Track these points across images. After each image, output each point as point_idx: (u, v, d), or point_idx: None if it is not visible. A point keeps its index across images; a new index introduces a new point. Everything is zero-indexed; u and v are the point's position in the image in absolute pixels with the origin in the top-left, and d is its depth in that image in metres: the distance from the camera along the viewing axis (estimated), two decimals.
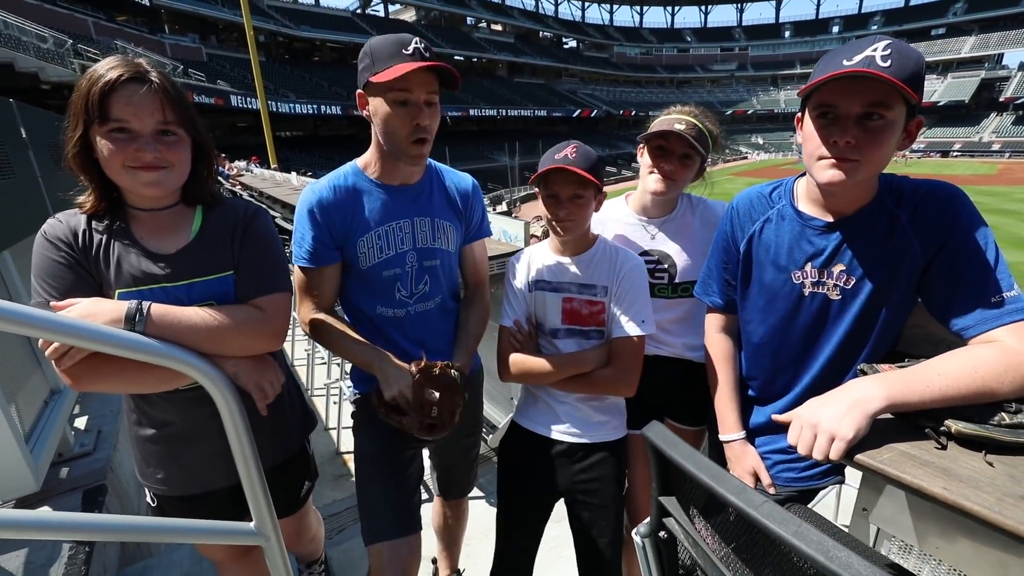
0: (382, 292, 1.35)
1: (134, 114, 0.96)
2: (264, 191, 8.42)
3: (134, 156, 0.97)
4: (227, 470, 1.08)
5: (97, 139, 0.96)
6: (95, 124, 0.95)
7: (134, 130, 0.97)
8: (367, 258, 1.31)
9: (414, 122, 1.19)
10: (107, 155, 0.96)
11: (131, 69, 0.96)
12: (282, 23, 40.56)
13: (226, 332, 1.03)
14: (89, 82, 0.94)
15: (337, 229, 1.28)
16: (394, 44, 1.15)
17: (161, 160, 1.00)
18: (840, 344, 1.13)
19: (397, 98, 1.17)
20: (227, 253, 1.12)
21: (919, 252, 1.02)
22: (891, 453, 0.86)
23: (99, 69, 0.96)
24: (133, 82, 0.96)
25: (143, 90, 0.97)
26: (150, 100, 0.97)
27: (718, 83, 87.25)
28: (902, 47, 0.92)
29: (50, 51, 18.17)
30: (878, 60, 0.91)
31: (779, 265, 1.18)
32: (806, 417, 0.91)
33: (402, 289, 1.36)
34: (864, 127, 0.95)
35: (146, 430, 1.16)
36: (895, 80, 0.88)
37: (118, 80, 0.94)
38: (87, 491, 1.79)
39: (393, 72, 1.13)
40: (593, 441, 1.41)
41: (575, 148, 1.27)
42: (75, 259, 1.00)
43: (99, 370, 0.94)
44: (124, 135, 0.96)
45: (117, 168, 0.97)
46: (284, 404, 1.30)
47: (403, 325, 1.39)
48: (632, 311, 1.34)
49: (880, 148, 0.95)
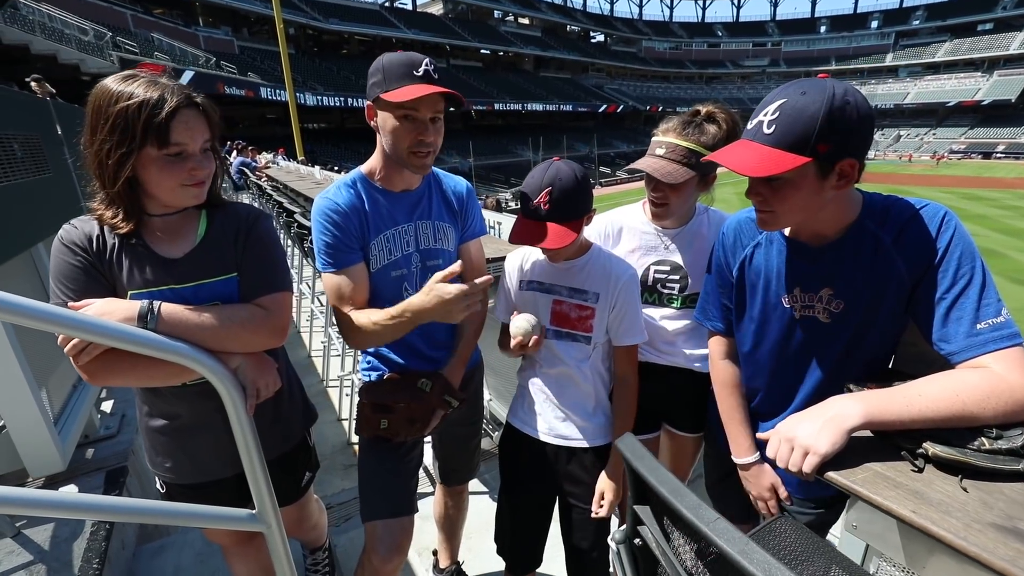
0: (391, 292, 1.41)
1: (191, 138, 1.05)
2: (288, 184, 8.61)
3: (190, 175, 1.06)
4: (232, 460, 1.15)
5: (149, 160, 1.02)
6: (149, 147, 1.01)
7: (188, 151, 1.05)
8: (377, 260, 1.37)
9: (419, 137, 1.26)
10: (163, 176, 1.04)
11: (183, 96, 1.04)
12: (311, 16, 41.15)
13: (231, 329, 1.09)
14: (143, 108, 0.98)
15: (355, 230, 1.34)
16: (405, 64, 1.22)
17: (207, 175, 1.10)
18: (833, 366, 1.14)
19: (406, 114, 1.24)
20: (231, 255, 1.18)
21: (905, 275, 1.02)
22: (866, 473, 0.87)
23: (140, 93, 0.99)
24: (187, 108, 1.04)
25: (195, 114, 1.06)
26: (200, 123, 1.07)
27: (748, 79, 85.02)
28: (791, 107, 0.93)
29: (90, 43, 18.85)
30: (764, 129, 0.95)
31: (769, 289, 1.19)
32: (783, 431, 0.93)
33: (409, 289, 1.42)
34: (768, 185, 1.00)
35: (156, 421, 1.24)
36: (753, 171, 0.95)
37: (179, 107, 1.01)
38: (109, 472, 1.90)
39: (403, 94, 1.19)
40: (580, 445, 1.43)
41: (547, 196, 1.24)
42: (90, 262, 1.07)
43: (113, 365, 1.01)
44: (179, 157, 1.05)
45: (172, 186, 1.06)
46: (284, 399, 1.37)
47: None
48: (634, 321, 1.39)
49: (785, 201, 1.00)
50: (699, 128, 1.43)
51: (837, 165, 0.94)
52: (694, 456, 1.76)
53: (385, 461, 1.45)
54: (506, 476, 1.57)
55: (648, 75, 78.68)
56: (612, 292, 1.37)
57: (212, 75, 27.05)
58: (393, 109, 1.24)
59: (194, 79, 24.69)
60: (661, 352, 1.59)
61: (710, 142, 1.41)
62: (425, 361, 1.51)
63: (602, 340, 1.41)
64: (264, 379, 1.17)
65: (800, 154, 0.92)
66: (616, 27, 79.05)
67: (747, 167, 0.95)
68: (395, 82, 1.21)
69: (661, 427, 1.73)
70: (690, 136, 1.42)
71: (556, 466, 1.46)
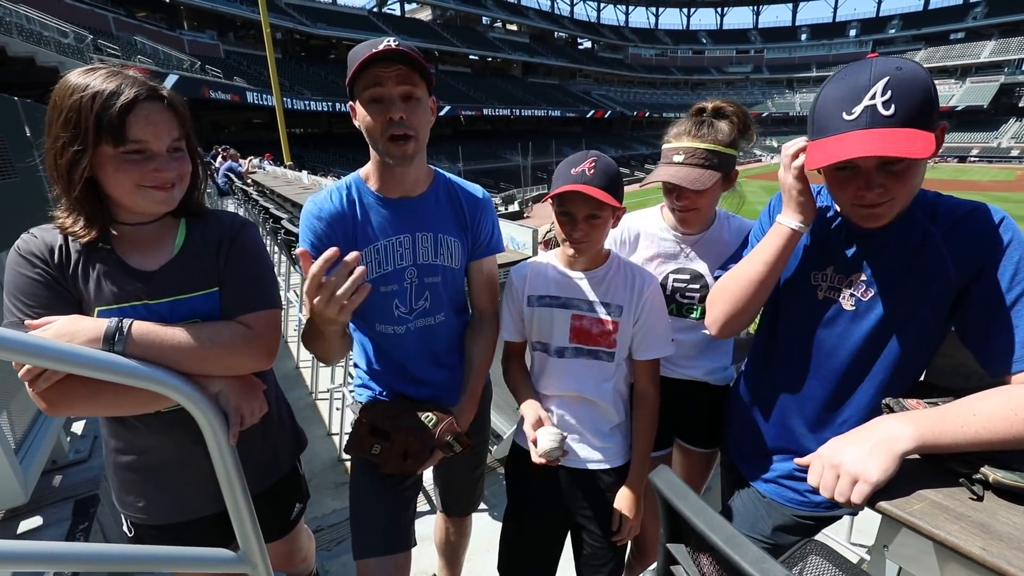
0: (379, 309, 1.28)
1: (153, 134, 0.93)
2: (275, 189, 8.44)
3: (152, 176, 0.93)
4: (213, 496, 1.03)
5: (106, 159, 0.91)
6: (105, 145, 0.89)
7: (151, 150, 0.93)
8: None
9: (387, 116, 1.12)
10: (118, 175, 0.92)
11: (143, 87, 0.92)
12: (299, 21, 40.83)
13: (211, 351, 0.98)
14: (96, 100, 0.87)
15: (339, 240, 1.22)
16: (367, 46, 1.11)
17: (175, 178, 0.97)
18: (850, 361, 1.06)
19: (372, 95, 1.12)
20: (212, 268, 1.06)
21: (953, 274, 0.94)
22: (922, 503, 0.79)
23: (96, 84, 0.89)
24: (149, 100, 0.92)
25: (159, 108, 0.94)
26: (165, 118, 0.95)
27: (733, 85, 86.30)
28: (903, 81, 0.85)
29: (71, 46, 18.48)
30: (880, 109, 0.85)
31: (802, 265, 1.12)
32: (827, 456, 0.85)
33: (400, 306, 1.29)
34: (889, 172, 0.90)
35: (125, 456, 1.11)
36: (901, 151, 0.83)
37: (136, 99, 0.89)
38: (79, 501, 1.75)
39: (358, 64, 1.08)
40: (596, 468, 1.34)
41: (593, 163, 1.17)
42: (51, 276, 0.95)
43: (74, 392, 0.90)
44: (140, 156, 0.92)
45: (129, 189, 0.93)
46: (273, 424, 1.25)
47: (405, 342, 1.33)
48: (660, 333, 1.30)
49: (909, 183, 0.91)
50: (712, 127, 1.36)
51: (937, 129, 0.89)
52: (707, 472, 1.67)
53: (379, 491, 1.33)
54: (514, 500, 1.46)
55: (635, 81, 79.45)
56: (636, 304, 1.28)
57: (197, 79, 26.61)
58: (362, 94, 1.13)
59: (178, 83, 24.28)
60: (677, 366, 1.51)
61: (727, 139, 1.35)
62: (417, 384, 1.38)
63: (626, 356, 1.32)
64: (249, 404, 1.05)
65: (928, 130, 0.84)
66: (603, 34, 79.79)
67: (898, 150, 0.83)
68: (355, 63, 1.11)
69: (673, 442, 1.65)
70: (706, 137, 1.34)
71: (570, 490, 1.36)
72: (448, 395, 1.38)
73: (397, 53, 1.08)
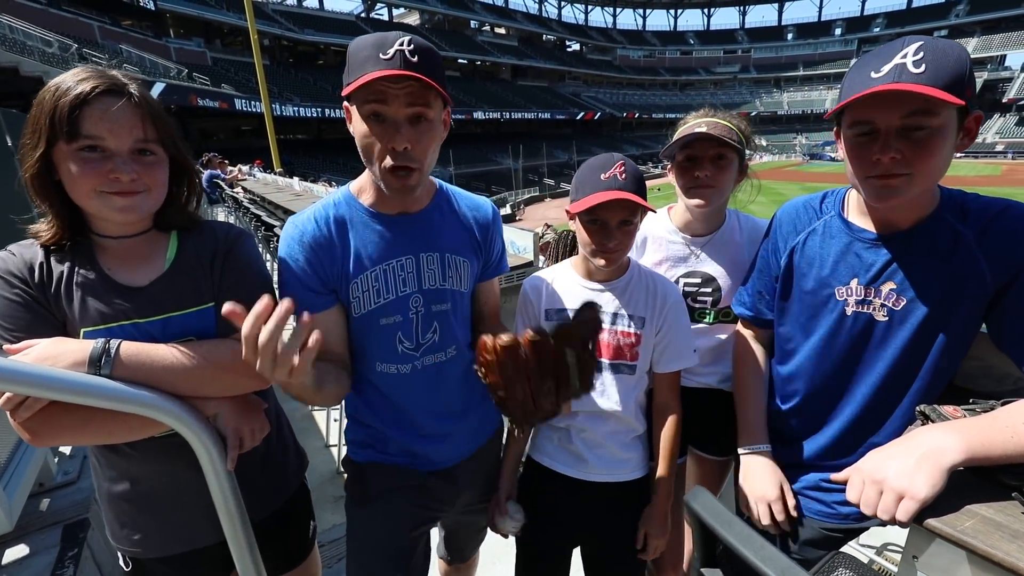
0: (379, 345, 1.12)
1: (110, 130, 0.84)
2: (266, 196, 8.34)
3: (108, 179, 0.85)
4: (214, 525, 0.97)
5: (63, 159, 0.84)
6: (61, 142, 0.82)
7: (109, 149, 0.85)
8: (360, 304, 1.08)
9: (389, 145, 0.95)
10: (76, 177, 0.84)
11: (106, 80, 0.84)
12: (286, 27, 40.64)
13: (207, 371, 0.91)
14: (55, 95, 0.82)
15: (326, 270, 1.05)
16: (372, 46, 0.93)
17: (138, 183, 0.88)
18: (886, 373, 1.02)
19: (373, 110, 0.94)
20: (207, 283, 0.99)
21: (988, 277, 0.90)
22: (973, 520, 0.74)
23: (67, 80, 0.83)
24: (109, 95, 0.84)
25: (120, 104, 0.84)
26: (128, 115, 0.85)
27: (721, 85, 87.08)
28: (937, 47, 0.82)
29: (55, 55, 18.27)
30: (910, 67, 0.81)
31: (822, 279, 1.07)
32: (868, 471, 0.80)
33: (404, 340, 1.12)
34: (909, 139, 0.85)
35: (118, 485, 1.03)
36: (931, 91, 0.79)
37: (92, 92, 0.82)
38: (67, 526, 1.66)
39: (360, 81, 0.91)
40: (617, 480, 1.28)
41: (623, 167, 1.09)
42: (31, 296, 0.87)
43: (60, 421, 0.83)
44: (96, 154, 0.84)
45: (86, 192, 0.85)
46: (273, 442, 1.17)
47: (411, 384, 1.15)
48: (682, 344, 1.24)
49: (931, 158, 0.85)
50: (728, 117, 1.36)
51: (968, 118, 0.86)
52: (722, 481, 1.62)
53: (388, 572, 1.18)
54: (530, 517, 1.38)
55: (624, 82, 79.92)
56: (659, 315, 1.22)
57: (184, 87, 26.38)
58: (361, 104, 0.95)
59: (166, 91, 24.05)
60: (691, 373, 1.45)
61: (742, 128, 1.34)
62: (426, 439, 1.20)
63: (648, 368, 1.26)
64: (250, 425, 0.99)
65: (958, 96, 0.80)
66: (591, 36, 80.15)
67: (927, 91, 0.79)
68: (358, 68, 0.92)
69: (688, 451, 1.60)
70: (724, 118, 1.33)
71: (590, 504, 1.29)
72: (464, 447, 1.25)
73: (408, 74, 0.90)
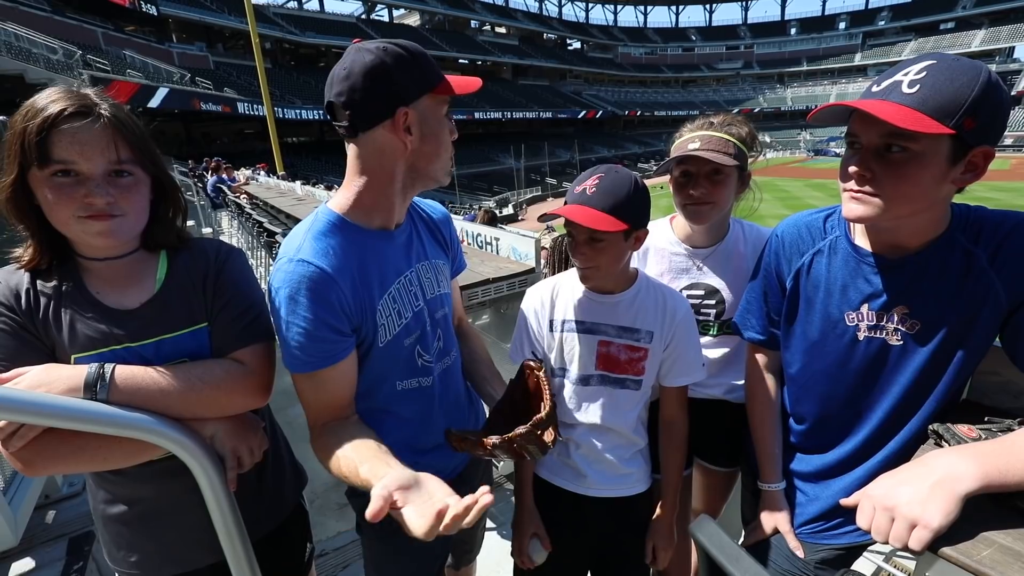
0: (403, 365, 1.09)
1: (80, 153, 0.82)
2: (268, 201, 8.35)
3: (83, 203, 0.83)
4: (208, 546, 0.96)
5: (38, 185, 0.83)
6: (34, 167, 0.81)
7: (82, 172, 0.83)
8: (386, 330, 1.02)
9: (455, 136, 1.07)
10: (52, 204, 0.83)
11: (75, 101, 0.82)
12: (287, 30, 40.75)
13: (203, 392, 0.90)
14: (25, 118, 0.80)
15: (350, 304, 0.95)
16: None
17: (115, 207, 0.86)
18: (902, 395, 1.00)
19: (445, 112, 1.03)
20: (199, 303, 0.98)
21: (1004, 298, 0.88)
22: (989, 548, 0.72)
23: (37, 102, 0.82)
24: (78, 116, 0.82)
25: (90, 125, 0.82)
26: (99, 136, 0.83)
27: (724, 82, 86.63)
28: (949, 68, 0.79)
29: (60, 62, 18.34)
30: (904, 87, 0.80)
31: (830, 304, 1.04)
32: (879, 498, 0.78)
33: (424, 353, 1.11)
34: (884, 159, 0.84)
35: (115, 508, 1.02)
36: (889, 115, 0.77)
37: (60, 115, 0.80)
38: (73, 539, 1.66)
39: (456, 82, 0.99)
40: (619, 495, 1.27)
41: (596, 181, 1.07)
42: (19, 323, 0.86)
43: (55, 450, 0.82)
44: (70, 179, 0.82)
45: (65, 219, 0.84)
46: (269, 461, 1.16)
47: (435, 392, 1.15)
48: (690, 359, 1.22)
49: (902, 184, 0.83)
50: (725, 125, 1.32)
51: (972, 151, 0.81)
52: (728, 492, 1.60)
53: None
54: None
55: (625, 80, 79.60)
56: (667, 330, 1.19)
57: (187, 91, 26.49)
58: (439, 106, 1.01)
59: (169, 96, 24.16)
60: (696, 386, 1.43)
61: (743, 136, 1.30)
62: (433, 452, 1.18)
63: (653, 383, 1.24)
64: (247, 443, 0.98)
65: (943, 124, 0.77)
66: (592, 34, 79.93)
67: (885, 113, 0.78)
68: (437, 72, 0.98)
69: (694, 462, 1.58)
70: (720, 129, 1.29)
71: (593, 519, 1.28)
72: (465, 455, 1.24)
73: None
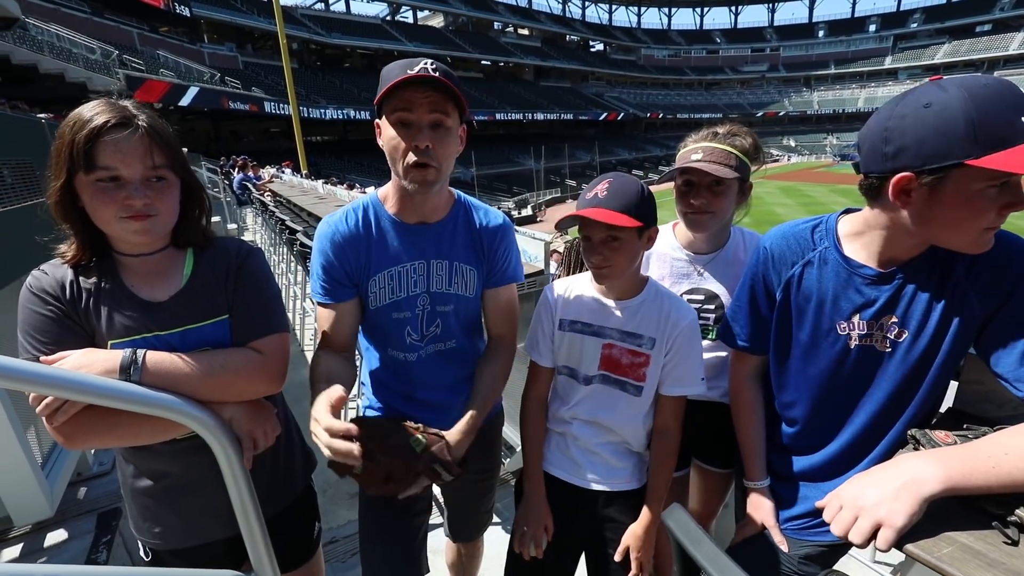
0: (392, 334, 1.28)
1: (122, 161, 0.92)
2: (291, 199, 8.57)
3: (123, 205, 0.93)
4: (225, 520, 1.05)
5: (84, 189, 0.93)
6: (80, 173, 0.91)
7: (122, 177, 0.93)
8: (377, 299, 1.24)
9: (412, 143, 1.09)
10: (97, 206, 0.93)
11: (117, 113, 0.93)
12: (314, 31, 41.56)
13: (224, 377, 0.99)
14: (73, 129, 0.91)
15: (351, 265, 1.21)
16: (402, 66, 1.08)
17: (150, 207, 0.96)
18: (885, 401, 1.03)
19: (399, 119, 1.09)
20: (221, 297, 1.08)
21: (977, 309, 0.92)
22: (951, 547, 0.75)
23: (83, 114, 0.92)
24: (119, 127, 0.92)
25: (130, 135, 0.93)
26: (138, 145, 0.93)
27: (748, 84, 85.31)
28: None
29: (98, 62, 19.06)
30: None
31: (822, 314, 1.08)
32: (848, 497, 0.82)
33: (412, 333, 1.28)
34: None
35: (142, 482, 1.12)
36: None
37: (104, 126, 0.90)
38: (102, 514, 1.79)
39: (389, 85, 1.05)
40: (613, 489, 1.32)
41: (607, 185, 1.15)
42: (63, 312, 0.96)
43: (94, 425, 0.91)
44: (112, 183, 0.93)
45: (108, 219, 0.94)
46: (282, 445, 1.26)
47: (416, 369, 1.32)
48: (689, 370, 1.25)
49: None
50: (729, 136, 1.36)
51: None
52: (724, 493, 1.64)
53: (387, 524, 1.32)
54: None
55: (648, 82, 79.01)
56: (669, 338, 1.23)
57: (217, 91, 27.28)
58: (389, 114, 1.10)
59: (199, 95, 24.91)
60: None
61: (746, 148, 1.34)
62: (426, 408, 1.34)
63: (654, 390, 1.29)
64: (262, 427, 1.07)
65: None
66: (615, 36, 79.55)
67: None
68: (387, 83, 1.07)
69: (691, 463, 1.62)
70: (723, 141, 1.34)
71: (584, 511, 1.33)
72: (456, 418, 1.31)
73: (430, 79, 1.05)
